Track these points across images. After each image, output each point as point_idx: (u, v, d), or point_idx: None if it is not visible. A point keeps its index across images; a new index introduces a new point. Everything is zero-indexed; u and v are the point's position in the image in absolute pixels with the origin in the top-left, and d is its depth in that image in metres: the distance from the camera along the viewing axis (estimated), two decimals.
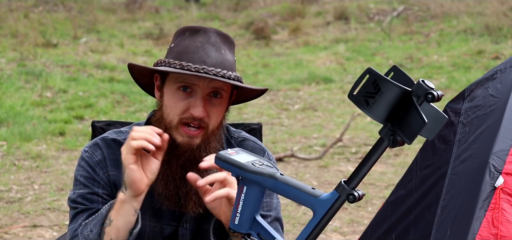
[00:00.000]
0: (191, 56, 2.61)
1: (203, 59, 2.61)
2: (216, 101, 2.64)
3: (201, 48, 2.62)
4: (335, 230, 5.64)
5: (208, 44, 2.64)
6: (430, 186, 3.11)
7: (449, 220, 2.87)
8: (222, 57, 2.64)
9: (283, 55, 11.77)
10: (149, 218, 2.74)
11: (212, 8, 15.15)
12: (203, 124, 2.62)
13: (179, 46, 2.66)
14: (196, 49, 2.62)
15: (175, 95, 2.63)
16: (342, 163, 7.11)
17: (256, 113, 8.71)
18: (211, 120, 2.63)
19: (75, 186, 2.73)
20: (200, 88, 2.61)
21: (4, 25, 12.84)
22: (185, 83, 2.61)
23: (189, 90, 2.62)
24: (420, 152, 3.26)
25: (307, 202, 1.98)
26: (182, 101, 2.62)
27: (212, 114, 2.63)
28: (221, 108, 2.66)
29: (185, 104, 2.61)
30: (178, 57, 2.63)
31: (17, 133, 7.63)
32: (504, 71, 3.10)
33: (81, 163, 2.74)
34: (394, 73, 1.87)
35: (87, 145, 2.76)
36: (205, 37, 2.65)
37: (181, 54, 2.63)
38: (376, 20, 13.73)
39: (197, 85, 2.61)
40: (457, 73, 10.19)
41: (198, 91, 2.61)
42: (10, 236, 5.53)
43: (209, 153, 2.63)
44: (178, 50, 2.65)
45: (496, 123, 2.93)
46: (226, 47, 2.68)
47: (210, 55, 2.62)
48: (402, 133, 1.83)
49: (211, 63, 2.60)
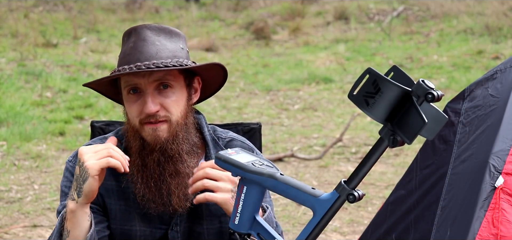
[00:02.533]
0: (127, 58, 2.64)
1: (136, 57, 2.62)
2: (168, 92, 2.65)
3: (133, 47, 2.65)
4: (335, 230, 5.64)
5: (140, 41, 2.65)
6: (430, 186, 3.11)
7: (449, 220, 2.87)
8: (156, 48, 2.64)
9: (283, 55, 11.77)
10: (139, 223, 2.74)
11: (212, 8, 15.15)
12: (160, 117, 2.63)
13: (121, 52, 2.70)
14: (130, 50, 2.65)
15: (128, 99, 2.66)
16: (342, 163, 7.11)
17: (256, 113, 8.71)
18: (170, 111, 2.64)
19: (61, 197, 2.74)
20: (144, 86, 2.63)
21: (4, 25, 12.84)
22: (131, 86, 2.64)
23: (138, 91, 2.64)
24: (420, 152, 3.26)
25: (307, 202, 1.98)
26: (135, 103, 2.65)
27: (168, 106, 2.64)
28: (177, 98, 2.66)
29: (138, 105, 2.64)
30: (120, 63, 2.67)
31: (17, 133, 7.63)
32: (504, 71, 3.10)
33: (65, 173, 2.76)
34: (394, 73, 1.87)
35: (71, 155, 2.78)
36: (136, 36, 2.67)
37: (121, 60, 2.67)
38: (376, 20, 13.73)
39: (139, 83, 2.63)
40: (457, 73, 10.19)
41: (143, 88, 2.63)
42: (10, 236, 5.53)
43: (178, 145, 2.66)
44: (120, 56, 2.69)
45: (496, 123, 2.92)
46: (162, 37, 2.68)
47: (143, 51, 2.63)
48: (402, 133, 1.83)
49: (145, 58, 2.62)
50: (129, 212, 2.73)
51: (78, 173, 2.55)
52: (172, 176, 2.66)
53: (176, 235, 2.75)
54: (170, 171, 2.66)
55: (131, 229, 2.73)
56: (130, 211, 2.73)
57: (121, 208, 2.72)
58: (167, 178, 2.65)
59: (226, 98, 9.33)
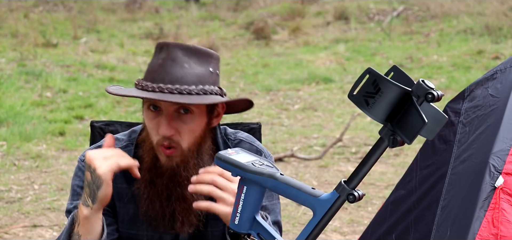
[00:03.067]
0: (153, 75, 2.58)
1: (161, 76, 2.55)
2: (187, 117, 2.58)
3: (161, 65, 2.57)
4: (335, 230, 5.64)
5: (168, 60, 2.57)
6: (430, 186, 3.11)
7: (449, 220, 2.86)
8: (184, 71, 2.56)
9: (283, 55, 11.77)
10: (146, 227, 2.73)
11: (212, 8, 15.15)
12: (173, 143, 2.58)
13: (150, 64, 2.63)
14: (157, 67, 2.58)
15: (148, 115, 2.61)
16: (342, 163, 7.11)
17: (256, 113, 8.71)
18: (183, 138, 2.58)
19: (72, 196, 2.70)
20: (164, 106, 2.57)
21: (4, 25, 12.84)
22: (151, 102, 2.59)
23: (158, 109, 2.59)
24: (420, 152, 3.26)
25: (307, 202, 1.98)
26: (153, 120, 2.59)
27: (182, 132, 2.57)
28: (195, 126, 2.59)
29: (155, 124, 2.59)
30: (146, 77, 2.61)
31: (17, 133, 7.63)
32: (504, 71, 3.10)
33: (78, 173, 2.71)
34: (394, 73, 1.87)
35: (83, 154, 2.73)
36: (166, 53, 2.59)
37: (147, 74, 2.61)
38: (376, 20, 13.73)
39: (160, 103, 2.57)
40: (457, 73, 10.19)
41: (163, 109, 2.58)
42: (10, 236, 5.53)
43: (189, 172, 2.60)
44: (148, 69, 2.63)
45: (496, 123, 2.92)
46: (193, 60, 2.59)
47: (169, 72, 2.56)
48: (402, 133, 1.83)
49: (169, 80, 2.54)
50: (138, 216, 2.70)
51: (90, 179, 2.52)
52: (178, 200, 2.63)
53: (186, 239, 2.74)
54: (177, 195, 2.62)
55: (138, 233, 2.72)
56: (138, 215, 2.70)
57: (130, 212, 2.70)
58: (173, 202, 2.61)
59: None
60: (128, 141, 2.77)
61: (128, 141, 2.77)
